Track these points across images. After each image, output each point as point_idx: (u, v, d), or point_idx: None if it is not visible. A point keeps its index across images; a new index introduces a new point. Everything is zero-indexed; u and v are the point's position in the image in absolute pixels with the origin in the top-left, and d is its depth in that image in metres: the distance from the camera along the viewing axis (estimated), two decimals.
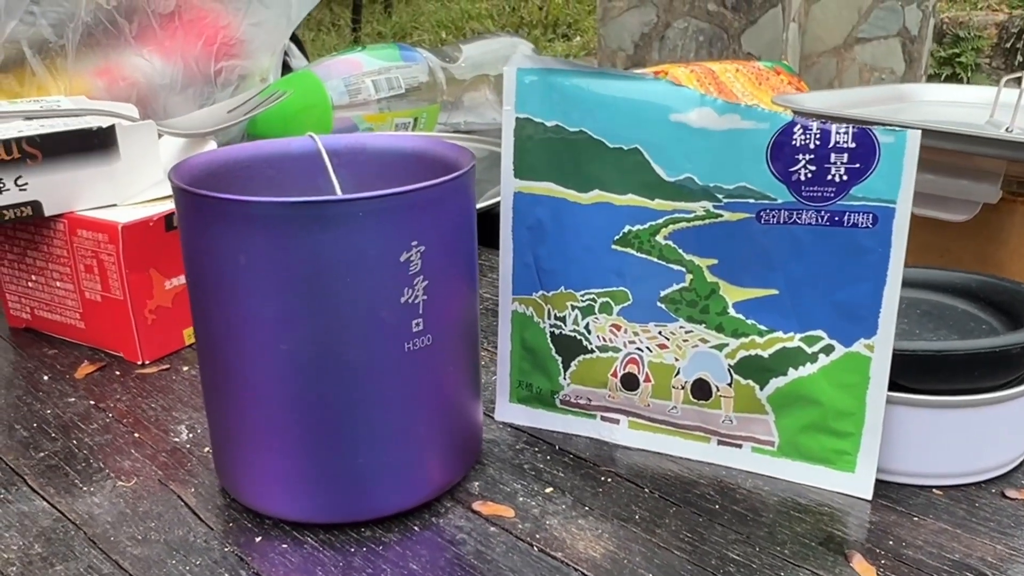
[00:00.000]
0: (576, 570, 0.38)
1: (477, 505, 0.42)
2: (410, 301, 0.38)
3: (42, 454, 0.47)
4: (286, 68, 1.08)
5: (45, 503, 0.43)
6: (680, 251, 0.42)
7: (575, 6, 4.22)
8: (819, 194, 0.40)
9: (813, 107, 0.63)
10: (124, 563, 0.38)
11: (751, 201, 0.41)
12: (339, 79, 0.96)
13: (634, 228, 0.43)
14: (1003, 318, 0.47)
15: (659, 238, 0.43)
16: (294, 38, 1.16)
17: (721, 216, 0.41)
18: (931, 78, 3.10)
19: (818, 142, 0.39)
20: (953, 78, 3.21)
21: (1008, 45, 3.14)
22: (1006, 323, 0.46)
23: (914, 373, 0.41)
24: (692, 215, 0.42)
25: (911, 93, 0.73)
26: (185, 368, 0.56)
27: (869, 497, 0.42)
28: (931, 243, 0.62)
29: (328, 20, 4.55)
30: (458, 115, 1.09)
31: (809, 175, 0.40)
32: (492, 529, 0.40)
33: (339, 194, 0.45)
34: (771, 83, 0.97)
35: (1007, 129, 0.61)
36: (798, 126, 0.39)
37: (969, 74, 3.20)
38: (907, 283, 0.50)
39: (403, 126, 1.01)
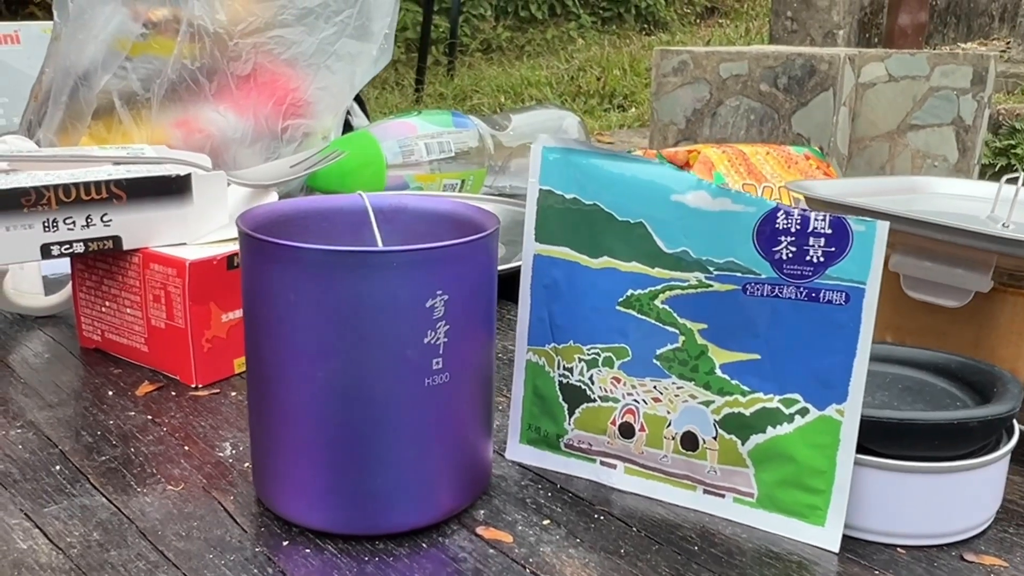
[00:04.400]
0: None
1: (480, 530, 0.47)
2: (432, 342, 0.43)
3: (104, 458, 0.53)
4: (348, 126, 1.16)
5: (104, 499, 0.49)
6: (675, 315, 0.48)
7: (632, 79, 4.33)
8: (799, 272, 0.45)
9: (822, 194, 0.68)
10: (169, 554, 0.44)
11: (738, 275, 0.46)
12: (394, 140, 1.03)
13: (636, 292, 0.48)
14: (976, 396, 0.51)
15: (657, 302, 0.48)
16: (357, 98, 1.25)
17: (712, 286, 0.46)
18: (985, 167, 3.12)
19: (799, 226, 0.44)
20: (1008, 169, 3.24)
21: None
22: (978, 401, 0.50)
23: (881, 439, 0.46)
24: (686, 284, 0.47)
25: (923, 185, 0.78)
26: (233, 393, 0.62)
27: (836, 550, 0.46)
28: (930, 326, 0.66)
29: (393, 79, 4.73)
30: (504, 179, 1.15)
31: (790, 255, 0.45)
32: (491, 551, 0.45)
33: (380, 246, 0.51)
34: (799, 167, 1.02)
35: (1003, 224, 0.65)
36: (781, 211, 0.45)
37: None
38: (894, 360, 0.55)
39: (451, 187, 1.08)
